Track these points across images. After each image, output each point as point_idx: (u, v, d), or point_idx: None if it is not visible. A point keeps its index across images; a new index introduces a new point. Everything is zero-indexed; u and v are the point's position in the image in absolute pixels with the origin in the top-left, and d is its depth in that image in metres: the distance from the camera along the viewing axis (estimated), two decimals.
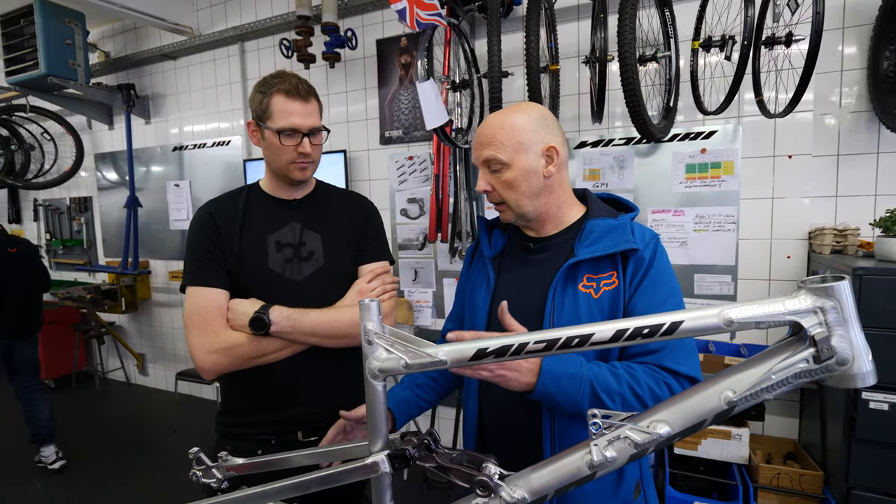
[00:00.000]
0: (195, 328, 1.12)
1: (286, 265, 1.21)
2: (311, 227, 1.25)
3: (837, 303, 0.54)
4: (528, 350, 0.65)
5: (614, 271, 0.95)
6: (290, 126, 1.15)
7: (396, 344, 0.72)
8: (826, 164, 2.18)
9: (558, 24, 2.31)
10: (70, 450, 3.19)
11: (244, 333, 1.12)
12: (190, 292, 1.16)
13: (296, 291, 1.19)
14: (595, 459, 0.61)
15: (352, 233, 1.28)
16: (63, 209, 4.61)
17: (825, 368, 0.54)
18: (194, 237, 1.20)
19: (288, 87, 1.15)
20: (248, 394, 1.21)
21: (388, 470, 0.73)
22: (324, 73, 3.12)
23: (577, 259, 0.95)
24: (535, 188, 0.98)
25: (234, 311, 1.14)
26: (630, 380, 0.87)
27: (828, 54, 2.11)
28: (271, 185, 1.27)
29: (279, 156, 1.18)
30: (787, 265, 2.21)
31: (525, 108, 1.00)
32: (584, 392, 0.85)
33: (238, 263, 1.18)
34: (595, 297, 0.94)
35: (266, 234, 1.22)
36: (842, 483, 1.74)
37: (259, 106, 1.17)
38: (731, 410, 0.58)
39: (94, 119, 4.12)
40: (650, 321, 0.60)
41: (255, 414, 1.22)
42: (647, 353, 0.91)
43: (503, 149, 0.96)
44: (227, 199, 1.26)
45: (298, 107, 1.16)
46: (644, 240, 0.96)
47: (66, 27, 3.36)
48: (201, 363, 1.12)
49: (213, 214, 1.21)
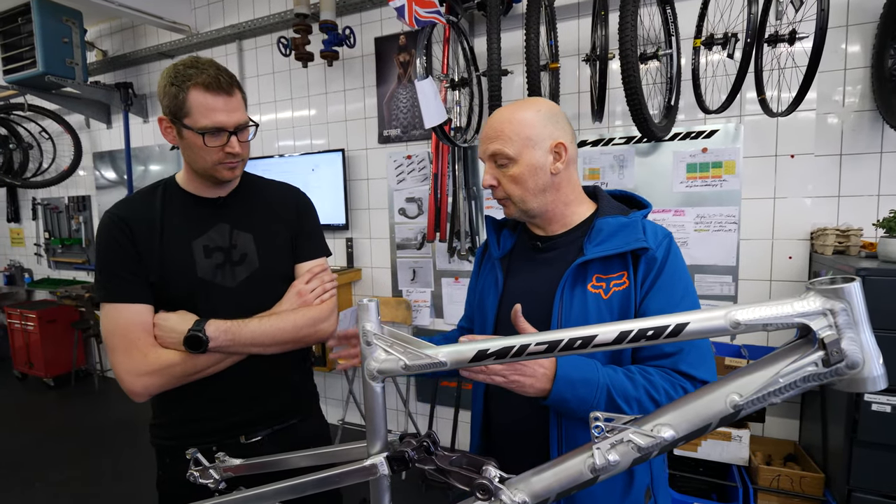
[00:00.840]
0: (118, 350, 1.01)
1: (217, 271, 1.10)
2: (242, 226, 1.15)
3: (848, 305, 0.52)
4: (529, 352, 0.63)
5: (625, 271, 0.93)
6: (215, 125, 1.02)
7: (395, 345, 0.71)
8: (828, 163, 2.16)
9: (558, 22, 2.29)
10: (69, 448, 3.18)
11: (176, 351, 1.02)
12: (107, 310, 1.03)
13: (230, 299, 1.10)
14: (597, 463, 0.60)
15: (286, 229, 1.19)
16: (62, 208, 4.59)
17: (835, 372, 0.52)
18: (105, 246, 1.05)
19: (207, 80, 1.00)
20: (182, 406, 1.13)
21: (386, 472, 0.72)
22: (322, 71, 3.11)
23: (585, 258, 0.93)
24: (541, 184, 0.97)
25: (163, 327, 1.03)
26: (647, 384, 0.85)
27: (831, 53, 2.10)
28: (192, 183, 1.13)
29: (203, 157, 1.05)
30: (789, 266, 2.20)
31: (535, 104, 0.98)
32: (600, 398, 0.84)
33: (161, 274, 1.06)
34: (605, 298, 0.92)
35: (191, 238, 1.10)
36: (843, 485, 1.73)
37: (174, 101, 1.01)
38: (738, 414, 0.57)
39: (93, 118, 4.10)
40: (655, 322, 0.58)
41: (191, 424, 1.14)
42: (661, 356, 0.88)
43: (510, 143, 0.95)
44: (139, 201, 1.12)
45: (221, 102, 1.02)
46: (657, 238, 0.93)
47: (64, 25, 3.34)
48: (130, 387, 1.01)
49: (125, 219, 1.06)
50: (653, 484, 0.96)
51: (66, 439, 3.34)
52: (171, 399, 1.11)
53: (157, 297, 1.07)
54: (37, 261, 4.93)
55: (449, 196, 2.67)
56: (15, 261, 5.13)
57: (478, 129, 2.50)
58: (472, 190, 2.72)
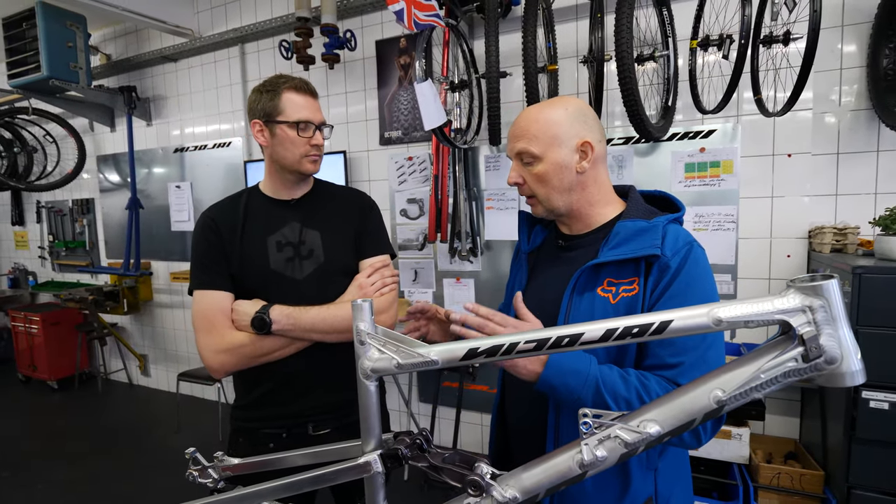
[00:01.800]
0: (202, 330, 1.17)
1: (287, 264, 1.23)
2: (311, 225, 1.28)
3: (826, 301, 0.54)
4: (518, 350, 0.65)
5: (637, 277, 0.90)
6: (305, 119, 1.20)
7: (388, 344, 0.73)
8: (826, 162, 2.17)
9: (557, 24, 2.31)
10: (73, 450, 3.21)
11: (248, 333, 1.15)
12: (196, 296, 1.20)
13: (297, 290, 1.22)
14: (585, 459, 0.61)
15: (351, 228, 1.30)
16: (66, 211, 4.63)
17: (814, 367, 0.54)
18: (198, 242, 1.23)
19: (298, 84, 1.22)
20: (257, 389, 1.25)
21: (380, 469, 0.73)
22: (323, 74, 3.13)
23: (598, 261, 0.92)
24: (566, 183, 0.97)
25: (238, 312, 1.17)
26: (640, 387, 0.84)
27: (827, 52, 2.11)
28: (271, 187, 1.30)
29: (293, 150, 1.21)
30: (787, 264, 2.20)
31: (563, 102, 0.98)
32: (587, 390, 0.84)
33: (241, 266, 1.21)
34: (612, 303, 0.91)
35: (266, 234, 1.24)
36: (842, 483, 1.74)
37: (268, 104, 1.20)
38: (721, 409, 0.58)
39: (96, 121, 4.14)
40: (639, 320, 0.60)
41: (265, 408, 1.25)
42: (664, 366, 0.86)
43: (536, 141, 0.95)
44: (228, 203, 1.29)
45: (309, 102, 1.23)
46: (675, 246, 0.89)
47: (68, 30, 3.38)
48: (209, 363, 1.16)
49: (214, 219, 1.24)
50: (657, 497, 0.93)
51: (69, 441, 3.37)
52: (248, 382, 1.26)
53: (237, 287, 1.22)
54: (41, 263, 4.97)
55: (450, 197, 2.69)
56: (19, 264, 5.18)
57: (478, 131, 2.52)
58: (473, 191, 2.74)
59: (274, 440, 1.23)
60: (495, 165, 2.70)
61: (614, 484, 0.92)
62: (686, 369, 0.84)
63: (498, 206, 2.71)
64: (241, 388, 1.30)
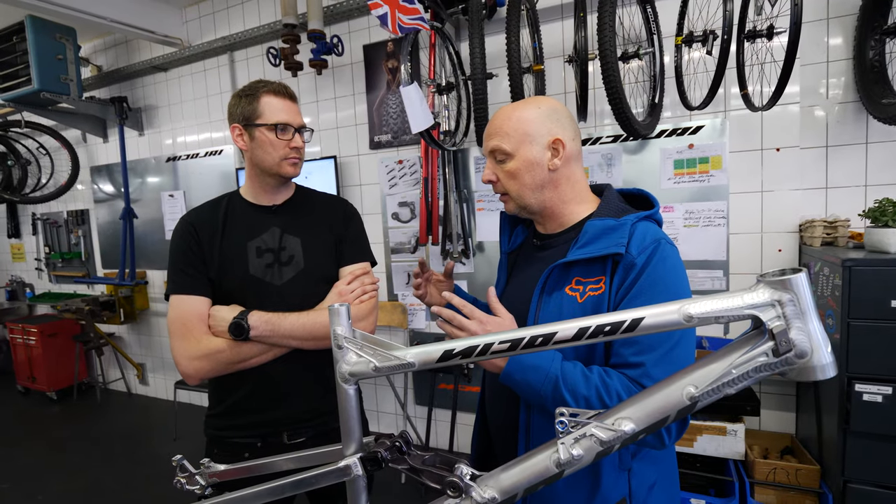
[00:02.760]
0: (177, 335, 1.15)
1: (267, 270, 1.23)
2: (291, 231, 1.27)
3: (795, 295, 0.54)
4: (493, 350, 0.65)
5: (603, 276, 0.90)
6: (284, 121, 1.21)
7: (365, 347, 0.73)
8: (815, 155, 2.17)
9: (542, 24, 2.32)
10: (73, 461, 3.20)
11: (225, 339, 1.14)
12: (172, 300, 1.19)
13: (276, 295, 1.21)
14: (562, 458, 0.61)
15: (332, 235, 1.30)
16: (61, 222, 4.63)
17: (784, 362, 0.54)
18: (176, 246, 1.22)
19: (276, 88, 1.23)
20: (232, 397, 1.23)
21: (360, 473, 0.73)
22: (312, 80, 3.14)
23: (565, 260, 0.93)
24: (538, 180, 0.97)
25: (215, 317, 1.16)
26: (600, 385, 0.83)
27: (813, 45, 2.11)
28: (252, 192, 1.29)
29: (272, 153, 1.21)
30: (779, 258, 2.21)
31: (536, 101, 0.99)
32: (546, 387, 0.85)
33: (219, 270, 1.21)
34: (580, 302, 0.91)
35: (246, 240, 1.24)
36: (838, 477, 1.73)
37: (247, 108, 1.21)
38: (694, 406, 0.58)
39: (89, 132, 4.14)
40: (611, 318, 0.60)
41: (239, 416, 1.23)
42: (628, 365, 0.85)
43: (508, 139, 0.96)
44: (207, 208, 1.29)
45: (287, 105, 1.23)
46: (641, 244, 0.88)
47: (58, 43, 3.38)
48: (184, 369, 1.14)
49: (193, 223, 1.23)
50: (631, 498, 0.92)
51: (69, 452, 3.37)
52: (223, 389, 1.24)
53: (215, 292, 1.21)
54: (38, 275, 4.97)
55: (440, 199, 2.69)
56: (16, 276, 5.17)
57: (466, 133, 2.52)
58: (464, 192, 2.74)
59: (249, 450, 1.22)
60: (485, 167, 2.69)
61: (584, 484, 0.92)
62: (649, 368, 0.83)
63: (489, 207, 2.71)
64: (214, 396, 1.28)
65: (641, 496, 0.93)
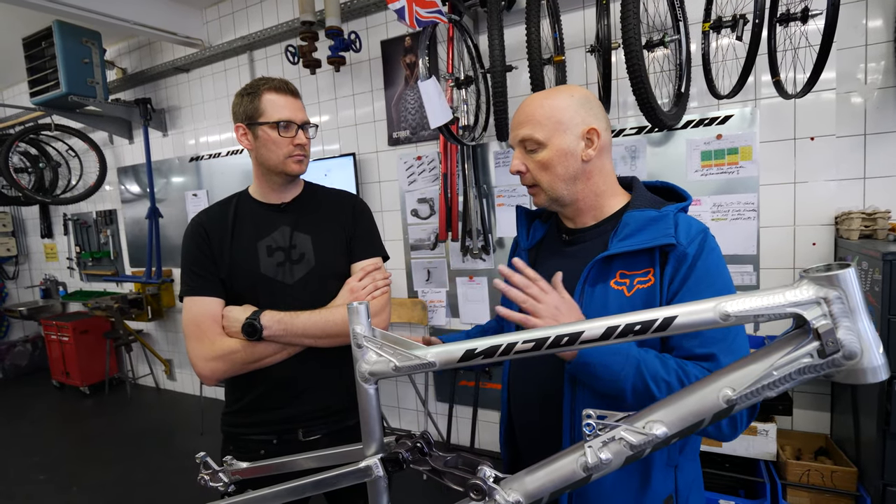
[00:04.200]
0: (192, 337, 1.16)
1: (278, 269, 1.22)
2: (301, 229, 1.26)
3: (843, 292, 0.50)
4: (517, 350, 0.63)
5: (651, 268, 0.88)
6: (286, 118, 1.18)
7: (385, 346, 0.71)
8: (852, 144, 2.07)
9: (563, 14, 2.26)
10: (105, 454, 3.30)
11: (239, 340, 1.14)
12: (186, 302, 1.19)
13: (288, 294, 1.21)
14: (589, 462, 0.59)
15: (342, 231, 1.29)
16: (90, 222, 4.77)
17: (831, 363, 0.50)
18: (187, 248, 1.22)
19: (277, 85, 1.21)
20: (248, 394, 1.24)
21: (381, 474, 0.72)
22: (330, 77, 3.14)
23: (608, 253, 0.90)
24: (571, 171, 0.94)
25: (228, 318, 1.16)
26: (679, 370, 0.80)
27: (850, 28, 2.01)
28: (260, 191, 1.29)
29: (275, 151, 1.19)
30: (813, 252, 2.11)
31: (568, 89, 0.96)
32: (628, 370, 0.80)
33: (230, 271, 1.20)
34: (627, 296, 0.88)
35: (256, 239, 1.23)
36: (877, 480, 1.65)
37: (249, 107, 1.19)
38: (731, 409, 0.55)
39: (115, 134, 4.25)
40: (642, 317, 0.57)
41: (255, 414, 1.24)
42: (696, 357, 0.83)
43: (540, 128, 0.93)
44: (217, 209, 1.28)
45: (290, 101, 1.21)
46: (689, 234, 0.87)
47: (84, 47, 3.47)
48: (200, 370, 1.15)
49: (203, 224, 1.23)
50: (677, 495, 0.91)
51: (101, 445, 3.48)
52: (239, 387, 1.24)
53: (227, 292, 1.21)
54: (70, 274, 5.14)
55: (459, 195, 2.66)
56: (50, 275, 5.36)
57: (485, 128, 2.49)
58: (483, 188, 2.71)
59: (264, 447, 1.22)
60: (505, 161, 2.66)
61: (634, 481, 0.89)
62: (721, 359, 0.81)
63: (509, 203, 2.67)
64: (230, 394, 1.29)
65: (685, 494, 0.92)
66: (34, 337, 5.44)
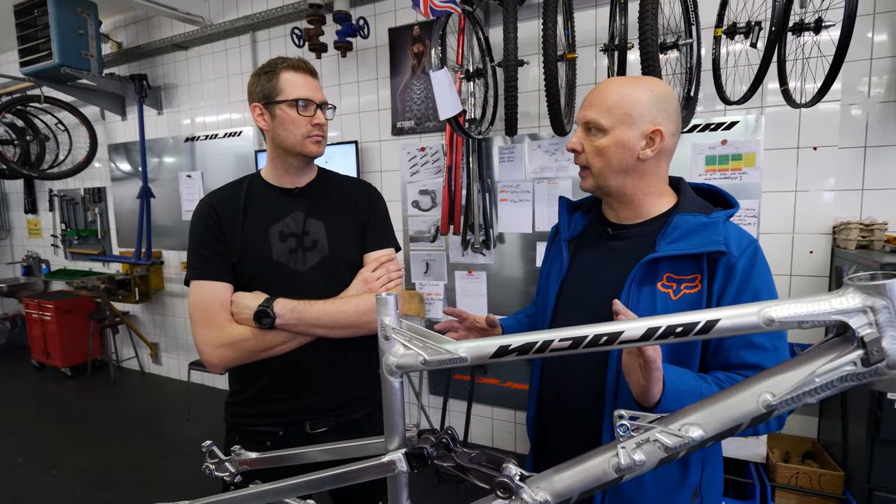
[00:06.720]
0: (200, 323, 1.12)
1: (290, 255, 1.18)
2: (315, 215, 1.23)
3: (890, 302, 0.50)
4: (552, 348, 0.62)
5: (699, 274, 0.88)
6: (305, 97, 1.15)
7: (415, 339, 0.70)
8: (852, 156, 2.10)
9: (575, 11, 2.25)
10: (87, 437, 3.24)
11: (249, 327, 1.11)
12: (193, 286, 1.15)
13: (300, 282, 1.18)
14: (622, 463, 0.59)
15: (356, 220, 1.26)
16: (78, 199, 4.64)
17: (874, 372, 0.50)
18: (196, 229, 1.18)
19: (296, 63, 1.18)
20: (254, 385, 1.20)
21: (405, 469, 0.71)
22: (335, 62, 3.09)
23: (656, 255, 0.89)
24: (624, 164, 0.93)
25: (238, 304, 1.13)
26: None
27: (857, 42, 2.02)
28: (274, 174, 1.25)
29: (294, 130, 1.16)
30: (810, 260, 2.15)
31: (650, 83, 0.95)
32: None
33: (241, 255, 1.16)
34: (674, 299, 0.89)
35: (269, 224, 1.19)
36: (864, 484, 1.70)
37: (266, 86, 1.16)
38: (770, 414, 0.55)
39: (108, 110, 4.13)
40: (684, 318, 0.56)
41: (262, 405, 1.21)
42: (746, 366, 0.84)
43: (608, 115, 0.92)
44: (228, 190, 1.24)
45: (308, 80, 1.18)
46: (740, 245, 0.87)
47: (79, 17, 3.35)
48: (208, 358, 1.12)
49: (213, 206, 1.19)
50: (701, 486, 0.93)
51: (83, 428, 3.41)
52: (245, 377, 1.20)
53: (237, 278, 1.16)
54: (53, 251, 5.01)
55: (463, 189, 2.65)
56: (32, 252, 5.22)
57: (492, 121, 2.48)
58: (487, 182, 2.70)
59: (270, 438, 1.19)
60: (510, 157, 2.65)
61: (674, 473, 0.91)
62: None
63: (512, 199, 2.67)
64: (236, 384, 1.25)
65: (707, 485, 0.94)
66: (14, 315, 5.30)
